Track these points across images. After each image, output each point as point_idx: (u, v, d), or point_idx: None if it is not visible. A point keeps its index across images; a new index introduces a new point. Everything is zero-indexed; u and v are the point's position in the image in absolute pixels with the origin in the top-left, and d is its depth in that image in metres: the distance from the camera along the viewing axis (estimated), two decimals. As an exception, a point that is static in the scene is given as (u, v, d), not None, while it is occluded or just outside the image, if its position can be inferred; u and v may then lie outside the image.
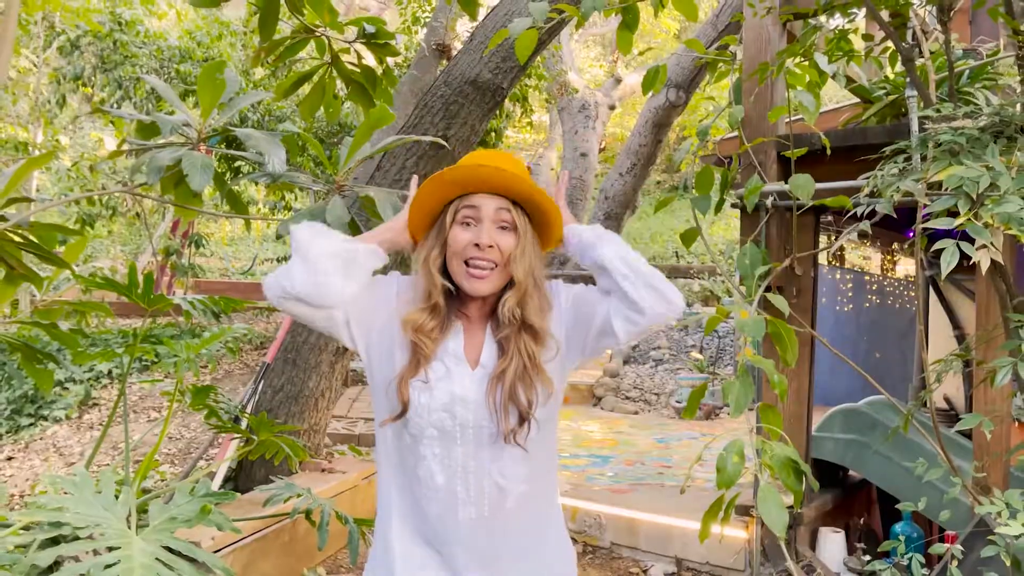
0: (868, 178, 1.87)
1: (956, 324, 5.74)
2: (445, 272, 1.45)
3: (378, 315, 1.46)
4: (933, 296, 5.84)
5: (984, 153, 1.57)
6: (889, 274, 9.16)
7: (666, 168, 18.71)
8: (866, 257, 11.28)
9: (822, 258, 8.71)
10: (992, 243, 1.52)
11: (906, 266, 9.26)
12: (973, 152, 1.60)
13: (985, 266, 1.53)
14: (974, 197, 1.51)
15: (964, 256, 1.58)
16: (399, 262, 3.01)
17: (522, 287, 1.40)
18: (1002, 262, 1.60)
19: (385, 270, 1.56)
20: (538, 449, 1.47)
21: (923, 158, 1.72)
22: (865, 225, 1.83)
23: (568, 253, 1.54)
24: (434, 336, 1.42)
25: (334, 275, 1.37)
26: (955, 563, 1.81)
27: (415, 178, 1.58)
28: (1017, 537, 1.68)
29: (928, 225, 1.66)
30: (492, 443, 1.43)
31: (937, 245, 1.52)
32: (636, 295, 1.39)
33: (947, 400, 5.70)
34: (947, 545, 1.85)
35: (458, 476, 1.42)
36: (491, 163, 1.42)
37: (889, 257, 9.11)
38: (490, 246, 1.40)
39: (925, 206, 1.70)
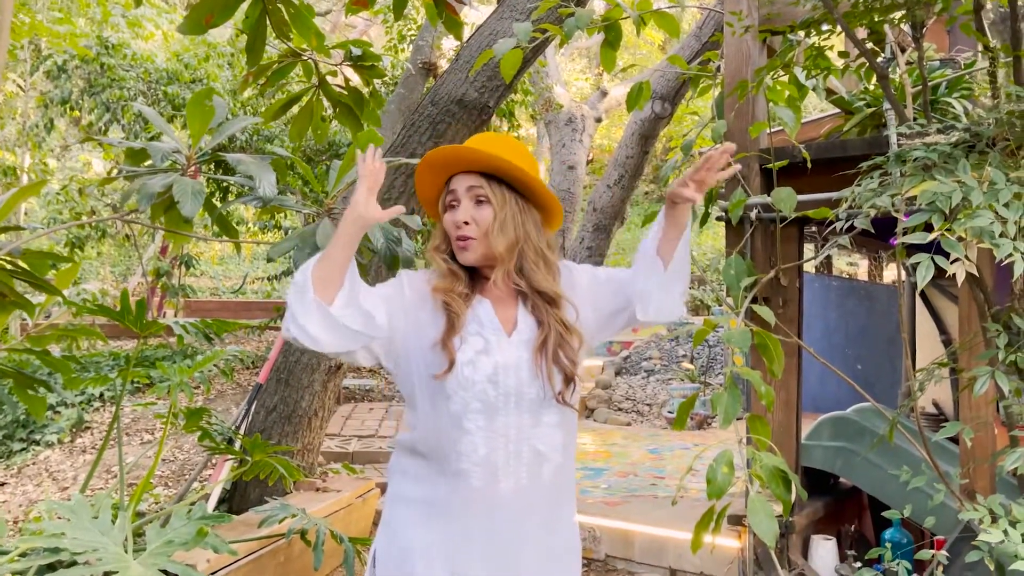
0: (848, 191, 1.92)
1: (943, 329, 5.79)
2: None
3: (393, 319, 1.54)
4: (921, 303, 5.90)
5: (956, 168, 1.62)
6: (877, 281, 9.24)
7: (654, 179, 18.82)
8: (853, 264, 11.37)
9: (809, 266, 8.78)
10: (967, 256, 1.57)
11: (894, 272, 9.35)
12: (946, 167, 1.65)
13: (961, 279, 1.57)
14: (947, 212, 1.55)
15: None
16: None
17: (505, 259, 1.53)
18: (976, 273, 1.64)
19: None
20: (569, 420, 1.59)
21: (900, 173, 1.76)
22: (844, 240, 1.87)
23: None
24: (464, 294, 1.54)
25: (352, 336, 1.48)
26: (940, 569, 1.85)
27: (368, 151, 1.62)
28: (1000, 543, 1.72)
29: (906, 240, 1.70)
30: (532, 410, 1.53)
31: (913, 259, 1.56)
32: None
33: (936, 405, 5.74)
34: (932, 552, 1.89)
35: (499, 446, 1.51)
36: (477, 145, 1.54)
37: (877, 264, 9.19)
38: (466, 223, 1.53)
39: (907, 216, 1.75)
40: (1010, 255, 1.45)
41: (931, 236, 1.55)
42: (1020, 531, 1.73)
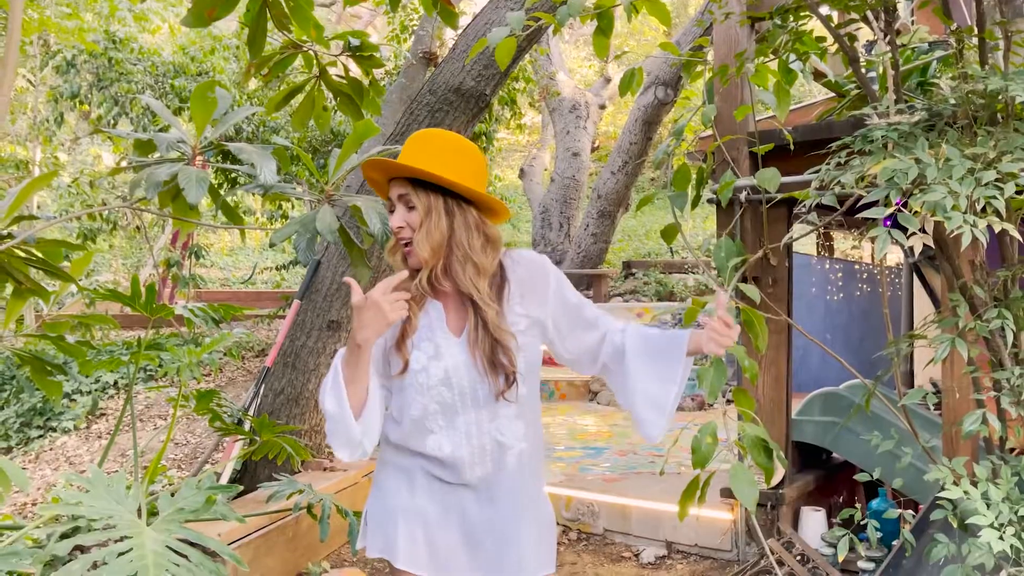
0: (816, 172, 2.01)
1: (939, 307, 5.86)
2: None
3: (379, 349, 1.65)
4: (918, 282, 5.97)
5: (914, 147, 1.71)
6: (879, 262, 9.27)
7: (656, 164, 18.82)
8: (857, 246, 11.39)
9: (812, 248, 8.83)
10: (923, 229, 1.66)
11: (896, 253, 9.38)
12: (905, 146, 1.74)
13: (917, 251, 1.67)
14: (904, 188, 1.64)
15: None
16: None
17: (429, 263, 1.57)
18: (933, 246, 1.73)
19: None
20: (528, 408, 1.66)
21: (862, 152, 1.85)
22: (814, 217, 1.97)
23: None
24: (417, 299, 1.60)
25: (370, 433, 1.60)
26: (908, 528, 1.95)
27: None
28: (960, 498, 1.82)
29: (870, 215, 1.79)
30: (488, 405, 1.61)
31: (871, 233, 1.65)
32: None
33: (933, 383, 5.82)
34: (899, 511, 1.99)
35: (463, 442, 1.60)
36: (407, 151, 1.59)
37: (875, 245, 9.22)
38: (400, 227, 1.59)
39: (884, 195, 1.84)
40: (960, 227, 1.54)
41: (888, 212, 1.64)
42: (981, 489, 1.82)
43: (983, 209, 1.63)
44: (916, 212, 1.61)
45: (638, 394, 1.69)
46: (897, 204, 1.81)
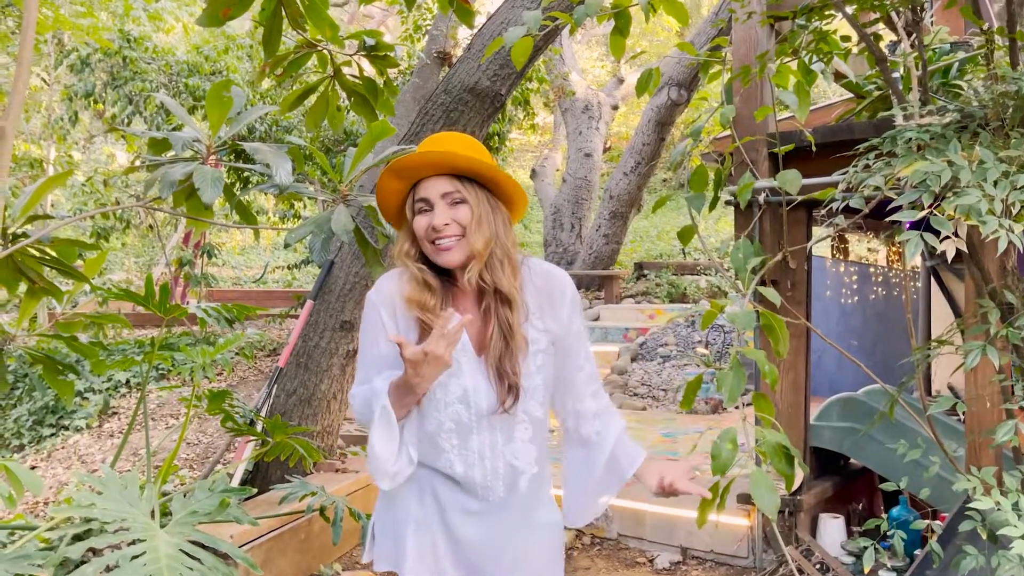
0: (844, 174, 1.97)
1: (958, 312, 5.79)
2: (425, 260, 1.56)
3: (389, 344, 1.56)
4: (936, 286, 5.90)
5: (947, 149, 1.67)
6: (895, 265, 9.19)
7: (671, 166, 18.72)
8: (873, 250, 11.30)
9: (827, 251, 8.77)
10: (956, 233, 1.62)
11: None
12: (937, 148, 1.69)
13: (950, 255, 1.62)
14: (936, 191, 1.60)
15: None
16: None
17: (482, 257, 1.50)
18: (966, 250, 1.69)
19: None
20: (541, 431, 1.62)
21: (892, 154, 1.81)
22: (840, 220, 1.93)
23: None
24: (436, 312, 1.51)
25: (404, 456, 1.54)
26: (935, 538, 1.90)
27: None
28: (991, 510, 1.77)
29: (899, 218, 1.74)
30: (504, 428, 1.57)
31: (901, 237, 1.61)
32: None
33: (951, 388, 5.74)
34: (927, 522, 1.95)
35: (475, 463, 1.56)
36: (437, 147, 1.50)
37: (895, 249, 9.13)
38: (446, 224, 1.50)
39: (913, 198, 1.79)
40: (995, 232, 1.49)
41: (920, 215, 1.60)
42: (1011, 500, 1.78)
43: (1018, 213, 1.58)
44: (951, 216, 1.57)
45: (588, 494, 1.70)
46: (929, 208, 1.77)
